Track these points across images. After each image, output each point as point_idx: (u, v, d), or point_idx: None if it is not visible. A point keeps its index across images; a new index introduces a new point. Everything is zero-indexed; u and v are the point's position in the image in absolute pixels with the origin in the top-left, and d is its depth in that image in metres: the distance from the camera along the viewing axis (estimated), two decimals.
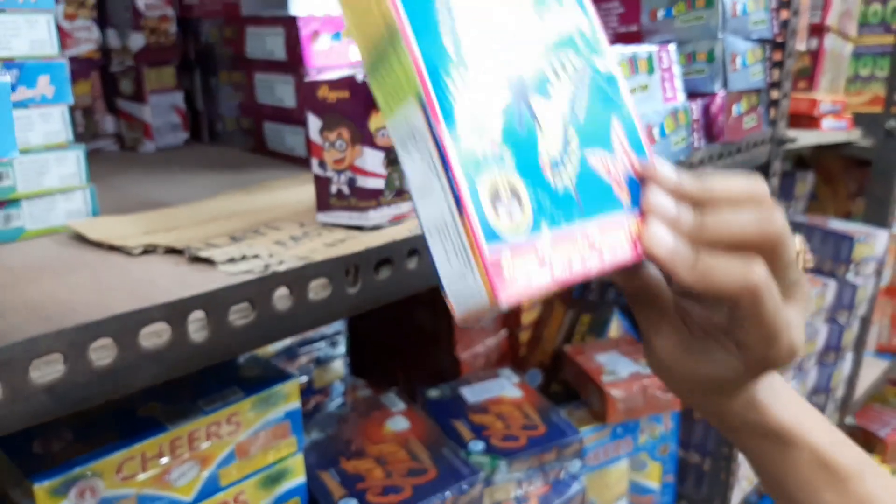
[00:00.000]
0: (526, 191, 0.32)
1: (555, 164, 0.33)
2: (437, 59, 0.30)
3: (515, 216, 0.31)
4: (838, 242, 1.30)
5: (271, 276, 0.36)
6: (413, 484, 0.61)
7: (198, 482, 0.52)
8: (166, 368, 0.33)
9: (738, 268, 0.33)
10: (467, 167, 0.30)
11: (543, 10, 0.36)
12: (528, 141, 0.33)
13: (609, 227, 0.34)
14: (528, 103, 0.33)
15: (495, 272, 0.29)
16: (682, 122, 0.69)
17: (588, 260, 0.33)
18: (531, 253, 0.31)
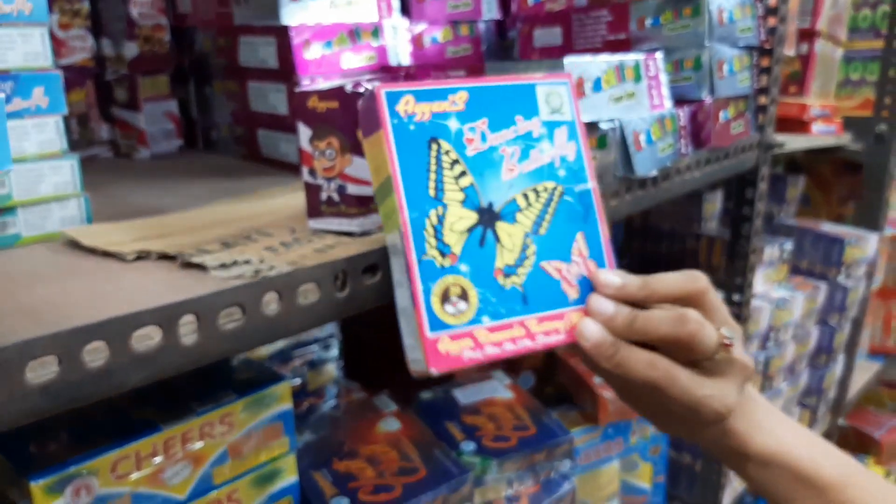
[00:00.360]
0: (474, 292, 0.43)
1: (508, 271, 0.44)
2: (419, 201, 0.42)
3: (461, 312, 0.42)
4: (829, 245, 1.32)
5: (261, 281, 0.38)
6: (404, 483, 0.63)
7: (191, 481, 0.53)
8: (157, 370, 0.34)
9: (643, 363, 0.43)
10: (426, 277, 0.41)
11: (530, 148, 0.47)
12: (486, 254, 0.44)
13: (549, 318, 0.45)
14: (493, 228, 0.44)
15: (432, 351, 0.41)
16: (668, 128, 0.70)
17: (520, 342, 0.43)
18: (468, 338, 0.42)
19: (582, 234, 0.47)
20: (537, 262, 0.45)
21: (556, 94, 0.49)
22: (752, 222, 0.93)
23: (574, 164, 0.48)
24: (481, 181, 0.44)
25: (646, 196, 0.69)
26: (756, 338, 1.13)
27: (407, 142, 0.42)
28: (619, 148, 0.65)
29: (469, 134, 0.44)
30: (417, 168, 0.42)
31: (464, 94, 0.45)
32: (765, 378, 1.19)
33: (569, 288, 0.46)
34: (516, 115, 0.47)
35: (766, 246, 1.17)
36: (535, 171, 0.47)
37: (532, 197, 0.46)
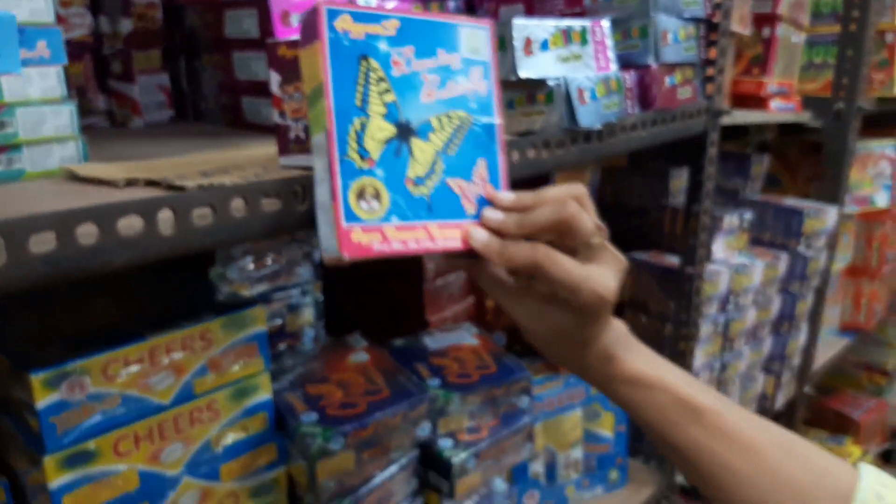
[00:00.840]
0: (387, 195, 0.49)
1: (418, 181, 0.51)
2: (346, 108, 0.47)
3: (373, 210, 0.48)
4: (789, 217, 1.39)
5: (229, 187, 0.45)
6: (368, 401, 0.70)
7: (174, 389, 0.60)
8: (140, 254, 0.41)
9: (527, 248, 0.50)
10: (346, 175, 0.47)
11: (448, 78, 0.53)
12: (400, 164, 0.50)
13: (448, 226, 0.51)
14: (409, 142, 0.50)
15: (345, 239, 0.46)
16: (614, 88, 0.77)
17: (423, 242, 0.50)
18: (377, 233, 0.47)
19: (484, 161, 0.54)
20: (443, 177, 0.52)
21: (477, 37, 0.55)
22: (703, 185, 1.00)
23: (484, 100, 0.55)
24: (402, 100, 0.50)
25: (592, 148, 0.76)
26: (715, 300, 1.20)
27: (340, 54, 0.47)
28: (565, 102, 0.72)
29: (396, 57, 0.50)
30: (347, 79, 0.47)
31: (396, 22, 0.50)
32: (725, 340, 1.26)
33: (468, 203, 0.53)
34: (439, 48, 0.53)
35: (726, 215, 1.24)
36: (450, 100, 0.53)
37: (445, 121, 0.53)
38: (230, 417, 0.64)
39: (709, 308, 1.19)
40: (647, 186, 1.38)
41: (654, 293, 1.20)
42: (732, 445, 0.53)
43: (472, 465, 0.80)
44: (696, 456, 0.54)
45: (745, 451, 0.52)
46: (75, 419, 0.55)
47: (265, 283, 0.80)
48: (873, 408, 2.50)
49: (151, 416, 0.59)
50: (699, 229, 1.02)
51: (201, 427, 0.62)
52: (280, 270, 0.81)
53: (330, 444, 0.65)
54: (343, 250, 0.45)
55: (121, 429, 0.57)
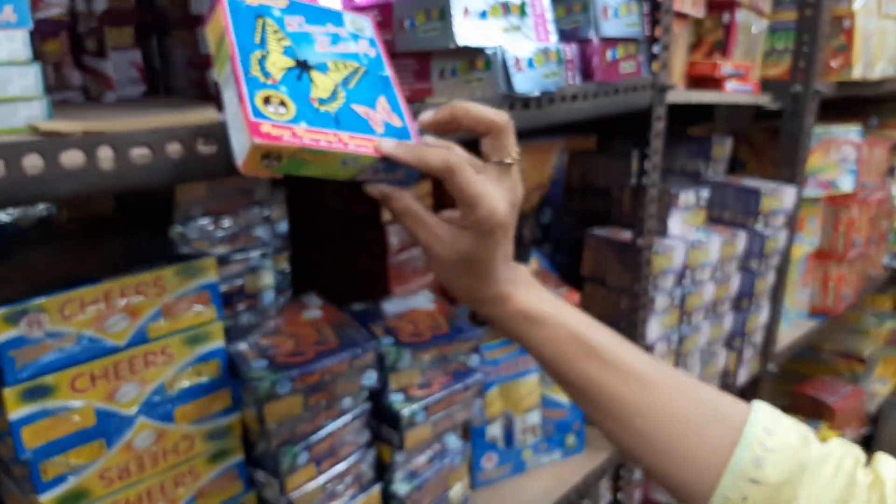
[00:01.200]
0: (293, 105, 0.52)
1: (322, 101, 0.54)
2: (246, 45, 0.53)
3: (280, 113, 0.51)
4: (747, 196, 1.43)
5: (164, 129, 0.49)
6: (316, 350, 0.74)
7: (129, 331, 0.64)
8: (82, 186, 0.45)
9: (442, 150, 0.54)
10: (251, 86, 0.51)
11: (338, 41, 0.60)
12: (302, 86, 0.54)
13: (358, 137, 0.54)
14: (307, 71, 0.56)
15: (254, 128, 0.48)
16: (552, 59, 0.82)
17: (335, 144, 0.52)
18: (287, 130, 0.50)
19: (384, 98, 0.59)
20: (347, 102, 0.56)
21: (360, 22, 0.62)
22: (650, 158, 1.05)
23: (375, 60, 0.61)
24: (298, 46, 0.56)
25: (531, 115, 0.80)
26: (671, 274, 1.25)
27: (238, 13, 0.54)
28: (501, 69, 0.76)
29: (289, 20, 0.57)
30: (246, 29, 0.53)
31: (285, 1, 0.57)
32: (682, 313, 1.31)
33: (376, 125, 0.57)
34: (328, 22, 0.59)
35: (682, 192, 1.29)
36: (343, 54, 0.59)
37: (341, 65, 0.58)
38: (184, 362, 0.68)
39: (664, 281, 1.24)
40: (611, 167, 1.42)
41: (613, 267, 1.25)
42: (627, 379, 0.56)
43: (422, 417, 0.84)
44: (591, 390, 0.57)
45: (639, 386, 0.56)
46: (33, 354, 0.59)
47: (225, 244, 0.84)
48: (849, 395, 2.55)
49: (107, 357, 0.63)
50: (647, 202, 1.07)
51: (156, 369, 0.66)
52: (239, 233, 0.85)
53: (277, 388, 0.70)
54: (253, 135, 0.48)
55: (78, 366, 0.61)
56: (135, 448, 0.66)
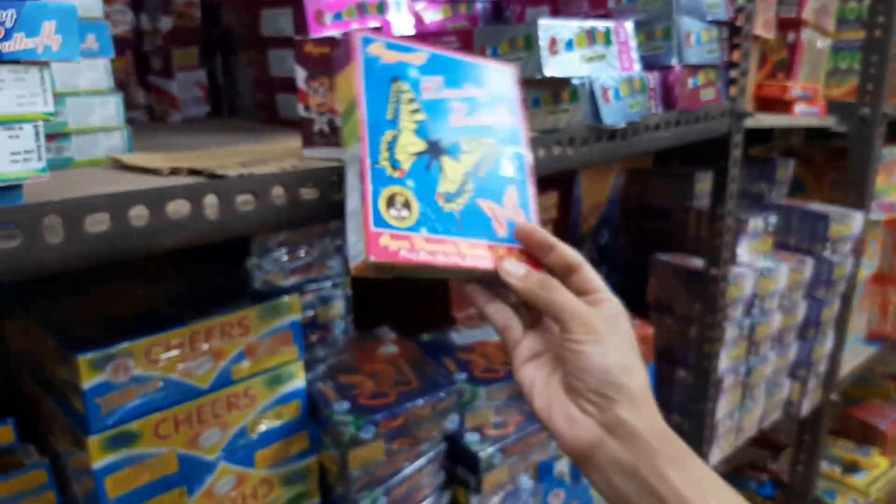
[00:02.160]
0: (417, 205, 0.48)
1: (448, 197, 0.51)
2: (378, 120, 0.48)
3: (403, 217, 0.47)
4: (815, 222, 1.39)
5: (268, 175, 0.47)
6: (398, 391, 0.71)
7: (213, 374, 0.62)
8: (187, 236, 0.43)
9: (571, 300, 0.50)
10: (376, 181, 0.47)
11: (476, 109, 0.54)
12: (430, 178, 0.50)
13: (478, 245, 0.51)
14: (439, 159, 0.51)
15: (373, 242, 0.45)
16: (637, 88, 0.78)
17: (451, 257, 0.49)
18: (406, 240, 0.47)
19: (514, 187, 0.54)
20: (474, 197, 0.52)
21: (502, 77, 0.57)
22: (727, 187, 1.01)
23: (511, 132, 0.56)
24: (432, 121, 0.51)
25: (616, 146, 0.77)
26: (740, 303, 1.20)
27: (373, 74, 0.49)
28: (589, 100, 0.73)
29: (426, 83, 0.51)
30: (379, 96, 0.49)
31: (425, 55, 0.52)
32: (751, 344, 1.26)
33: (498, 227, 0.52)
34: (466, 82, 0.54)
35: (751, 218, 1.24)
36: (479, 127, 0.53)
37: (474, 145, 0.53)
38: (265, 404, 0.66)
39: (734, 311, 1.19)
40: (671, 188, 1.38)
41: (680, 295, 1.21)
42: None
43: (499, 459, 0.81)
44: None
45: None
46: (119, 401, 0.57)
47: (298, 274, 0.82)
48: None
49: (191, 401, 0.61)
50: (724, 231, 1.03)
51: (238, 413, 0.64)
52: (312, 263, 0.83)
53: (361, 433, 0.67)
54: (370, 253, 0.45)
55: (162, 412, 0.59)
56: (215, 494, 0.64)
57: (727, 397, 1.24)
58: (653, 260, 1.26)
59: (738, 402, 1.29)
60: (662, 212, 1.39)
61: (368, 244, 0.45)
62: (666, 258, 1.24)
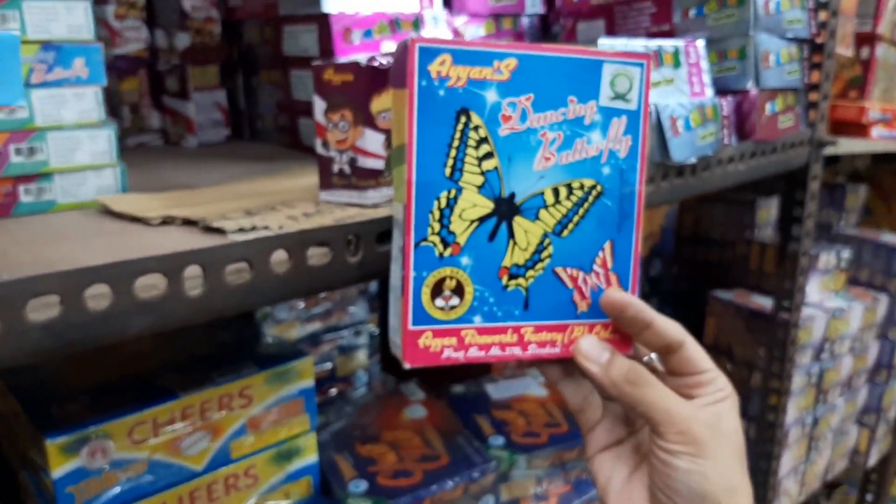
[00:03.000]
0: (471, 288, 0.39)
1: (515, 271, 0.41)
2: (432, 178, 0.38)
3: (452, 306, 0.39)
4: (890, 255, 1.26)
5: (269, 238, 0.38)
6: (424, 469, 0.62)
7: (209, 452, 0.53)
8: (160, 319, 0.34)
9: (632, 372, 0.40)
10: (421, 264, 0.38)
11: (577, 136, 0.41)
12: (494, 250, 0.40)
13: (548, 328, 0.42)
14: (510, 222, 0.40)
15: (410, 344, 0.38)
16: (710, 116, 0.68)
17: (509, 349, 0.40)
18: (453, 336, 0.39)
19: (611, 244, 0.43)
20: (551, 265, 0.41)
21: (626, 77, 0.42)
22: (803, 223, 0.89)
23: (624, 163, 0.42)
24: (508, 167, 0.39)
25: (684, 185, 0.67)
26: (809, 348, 1.08)
27: (432, 108, 0.37)
28: (655, 132, 0.63)
29: (507, 110, 0.39)
30: (437, 140, 0.38)
31: (512, 62, 0.39)
32: (819, 392, 1.14)
33: (580, 300, 0.42)
34: (570, 94, 0.40)
35: (822, 253, 1.12)
36: (576, 164, 0.41)
37: (563, 193, 0.41)
38: (270, 483, 0.57)
39: (802, 357, 1.07)
40: (731, 217, 1.27)
41: (741, 337, 1.09)
42: None
43: None
44: None
45: None
46: (96, 488, 0.48)
47: (316, 321, 0.74)
48: None
49: (183, 484, 0.52)
50: (797, 272, 0.91)
51: (238, 495, 0.55)
52: (332, 309, 0.74)
53: None
54: (406, 358, 0.38)
55: (148, 499, 0.51)
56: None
57: (792, 452, 1.12)
58: (711, 297, 1.14)
59: (804, 455, 1.17)
60: (720, 242, 1.28)
61: (405, 346, 0.38)
62: (726, 296, 1.12)
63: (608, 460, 0.44)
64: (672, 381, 0.42)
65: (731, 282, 1.20)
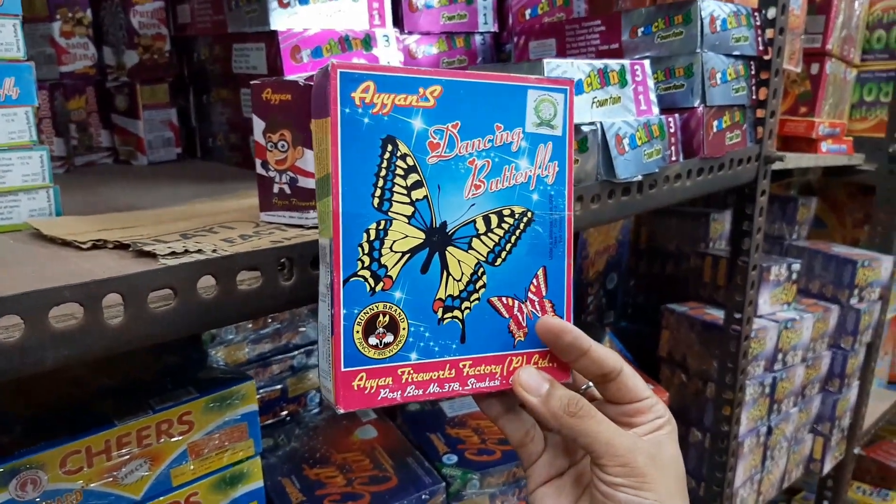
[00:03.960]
0: (406, 324, 0.38)
1: (450, 303, 0.40)
2: (359, 211, 0.36)
3: (386, 344, 0.38)
4: (841, 267, 1.28)
5: (194, 263, 0.37)
6: (373, 491, 0.61)
7: (147, 480, 0.52)
8: (78, 350, 0.33)
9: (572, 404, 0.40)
10: (351, 301, 0.36)
11: (505, 163, 0.41)
12: (427, 282, 0.39)
13: (486, 361, 0.41)
14: (442, 252, 0.39)
15: (344, 387, 0.36)
16: (656, 134, 0.69)
17: (448, 385, 0.39)
18: (388, 375, 0.38)
19: (544, 270, 0.42)
20: (486, 296, 0.41)
21: (550, 103, 0.42)
22: (752, 237, 0.91)
23: (552, 188, 0.42)
24: (438, 196, 0.39)
25: (631, 202, 0.67)
26: (762, 359, 1.10)
27: (356, 137, 0.36)
28: (601, 151, 0.63)
29: (434, 138, 0.38)
30: (363, 170, 0.36)
31: (438, 88, 0.38)
32: (772, 402, 1.16)
33: (517, 329, 0.42)
34: (496, 121, 0.40)
35: (773, 265, 1.14)
36: (505, 191, 0.41)
37: (495, 221, 0.41)
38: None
39: (755, 368, 1.09)
40: (685, 230, 1.28)
41: (695, 351, 1.10)
42: None
43: None
44: None
45: None
46: None
47: (266, 342, 0.72)
48: None
49: None
50: (748, 285, 0.93)
51: None
52: (283, 329, 0.73)
53: None
54: (339, 402, 0.36)
55: None
56: None
57: (747, 461, 1.13)
58: (665, 310, 1.15)
59: (759, 465, 1.18)
60: (675, 255, 1.29)
61: (337, 390, 0.36)
62: (680, 309, 1.14)
63: (549, 495, 0.44)
64: (610, 409, 0.42)
65: (686, 294, 1.21)
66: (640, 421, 0.41)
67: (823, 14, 1.29)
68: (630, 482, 0.38)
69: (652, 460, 0.39)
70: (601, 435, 0.39)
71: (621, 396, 0.41)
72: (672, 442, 0.41)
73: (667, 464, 0.40)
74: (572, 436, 0.40)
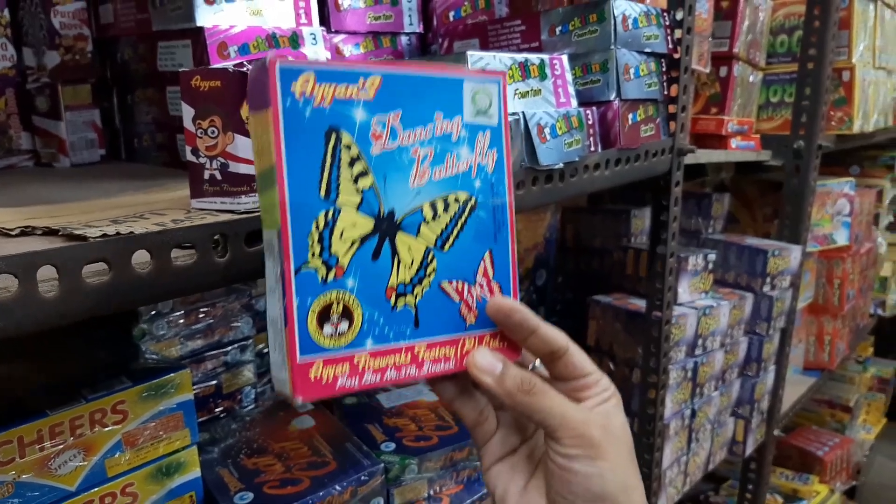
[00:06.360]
0: (360, 311, 0.39)
1: (402, 289, 0.40)
2: (306, 200, 0.37)
3: (342, 333, 0.38)
4: (753, 257, 1.35)
5: (129, 237, 0.37)
6: (312, 476, 0.62)
7: (82, 471, 0.52)
8: (13, 324, 0.33)
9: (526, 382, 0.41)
10: (304, 291, 0.36)
11: (447, 151, 0.42)
12: (379, 269, 0.39)
13: (440, 344, 0.42)
14: (392, 239, 0.40)
15: (301, 377, 0.36)
16: (575, 125, 0.72)
17: (405, 369, 0.40)
18: (345, 363, 0.38)
19: (490, 253, 0.44)
20: (436, 280, 0.42)
21: (485, 94, 0.44)
22: (668, 227, 0.96)
23: (493, 176, 0.44)
24: (384, 185, 0.39)
25: (553, 189, 0.70)
26: (683, 345, 1.15)
27: (299, 129, 0.36)
28: (524, 139, 0.66)
29: (377, 128, 0.39)
30: (308, 162, 0.37)
31: (376, 80, 0.39)
32: (695, 385, 1.21)
33: (467, 312, 0.43)
34: (436, 111, 0.41)
35: (691, 255, 1.20)
36: (449, 180, 0.42)
37: (440, 207, 0.42)
38: (151, 501, 0.56)
39: (677, 353, 1.14)
40: (608, 227, 1.34)
41: (620, 339, 1.15)
42: None
43: None
44: None
45: None
46: None
47: (198, 338, 0.72)
48: (837, 444, 2.48)
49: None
50: (666, 273, 0.97)
51: None
52: (215, 325, 0.73)
53: None
54: (297, 392, 0.36)
55: None
56: None
57: (673, 443, 1.18)
58: (591, 301, 1.20)
59: (685, 446, 1.24)
60: (599, 251, 1.34)
61: (295, 380, 0.36)
62: (605, 300, 1.18)
63: (504, 472, 0.45)
64: (558, 385, 0.44)
65: (611, 287, 1.26)
66: (588, 395, 0.43)
67: (730, 20, 1.37)
68: (586, 452, 0.40)
69: (604, 430, 0.41)
70: (555, 410, 0.41)
71: (568, 373, 0.43)
72: (619, 412, 0.44)
73: (618, 433, 0.42)
74: (527, 413, 0.41)
